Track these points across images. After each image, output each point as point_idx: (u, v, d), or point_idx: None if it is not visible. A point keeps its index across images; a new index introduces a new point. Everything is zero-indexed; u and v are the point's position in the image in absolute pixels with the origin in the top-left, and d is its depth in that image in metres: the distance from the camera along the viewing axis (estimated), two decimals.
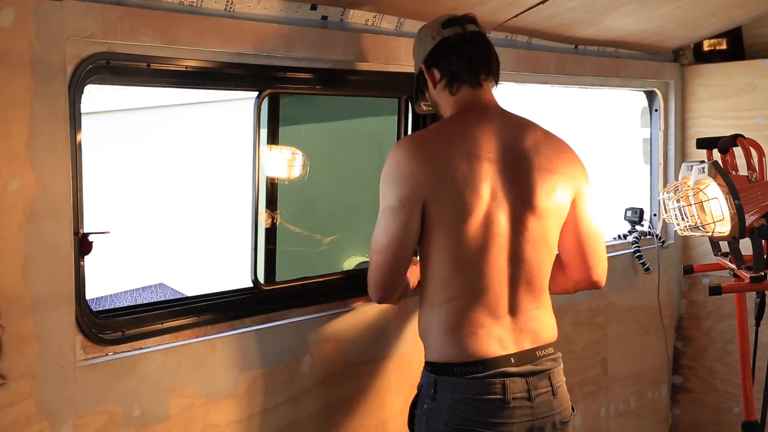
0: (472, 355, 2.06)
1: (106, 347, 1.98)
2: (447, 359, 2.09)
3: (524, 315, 2.13)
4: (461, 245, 2.06)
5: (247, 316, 2.30)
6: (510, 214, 2.10)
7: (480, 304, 2.08)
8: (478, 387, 2.05)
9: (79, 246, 1.92)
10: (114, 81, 2.09)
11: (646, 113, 4.08)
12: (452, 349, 2.09)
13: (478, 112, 2.18)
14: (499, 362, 2.07)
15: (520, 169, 2.12)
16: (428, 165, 2.05)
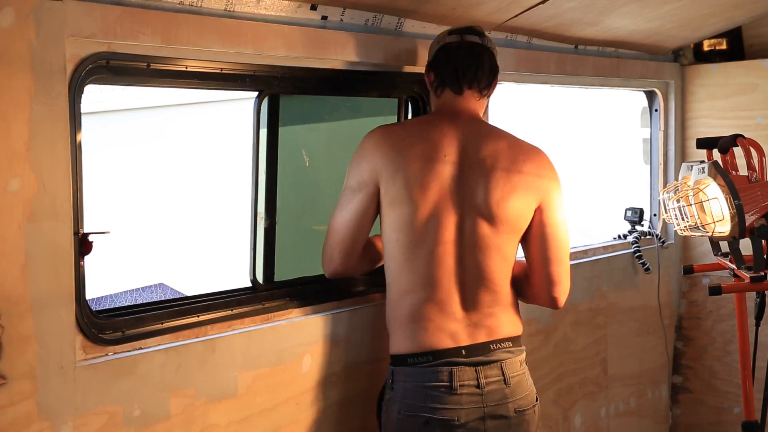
0: (424, 346, 2.18)
1: (106, 347, 1.98)
2: (403, 351, 2.21)
3: (480, 312, 2.21)
4: (410, 241, 2.17)
5: (246, 316, 2.30)
6: (459, 218, 2.19)
7: (430, 300, 2.19)
8: (427, 375, 2.15)
9: (79, 246, 1.92)
10: (114, 81, 2.09)
11: (646, 113, 4.08)
12: (407, 341, 2.20)
13: (448, 116, 2.28)
14: (448, 353, 2.17)
15: (474, 175, 2.20)
16: (387, 156, 2.18)
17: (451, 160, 2.20)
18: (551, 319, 3.28)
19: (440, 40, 2.35)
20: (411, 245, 2.18)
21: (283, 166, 2.46)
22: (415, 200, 2.16)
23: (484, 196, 2.20)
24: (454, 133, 2.23)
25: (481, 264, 2.20)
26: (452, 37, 2.32)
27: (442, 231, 2.17)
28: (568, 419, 3.40)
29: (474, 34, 2.33)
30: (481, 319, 2.21)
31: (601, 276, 3.55)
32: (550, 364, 3.28)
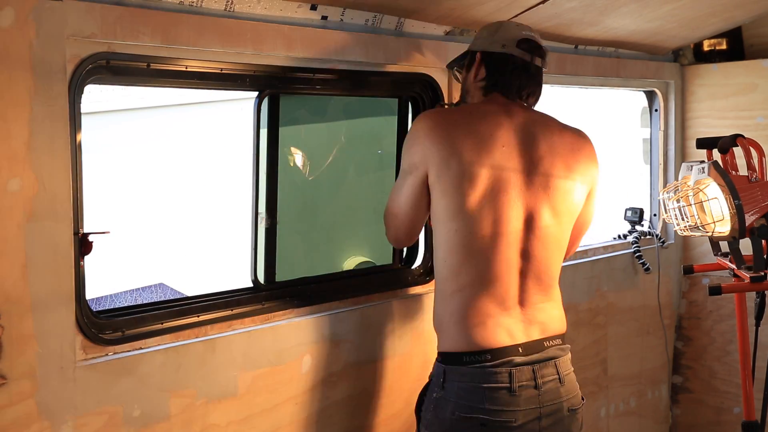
0: (481, 344, 2.10)
1: (106, 347, 1.98)
2: (456, 349, 2.13)
3: (533, 307, 2.18)
4: (470, 232, 2.11)
5: (246, 316, 2.30)
6: (525, 211, 2.15)
7: (489, 294, 2.13)
8: (486, 376, 2.09)
9: (79, 246, 1.92)
10: (114, 81, 2.09)
11: (646, 113, 4.08)
12: (461, 339, 2.12)
13: (500, 105, 2.24)
14: (507, 352, 2.11)
15: (538, 168, 2.18)
16: (439, 141, 2.13)
17: (508, 149, 2.16)
18: None
19: (506, 43, 2.26)
20: (472, 236, 2.12)
21: (283, 166, 2.46)
22: (472, 189, 2.11)
23: (547, 187, 2.18)
24: (509, 122, 2.20)
25: (542, 257, 2.18)
26: (523, 53, 2.25)
27: (505, 222, 2.13)
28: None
29: (540, 55, 2.29)
30: (534, 314, 2.18)
31: (601, 276, 3.55)
32: None
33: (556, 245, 2.22)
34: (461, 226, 2.12)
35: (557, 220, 2.19)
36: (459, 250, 2.13)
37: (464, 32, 2.85)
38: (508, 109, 2.23)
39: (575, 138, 2.29)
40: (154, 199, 11.37)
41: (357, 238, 2.85)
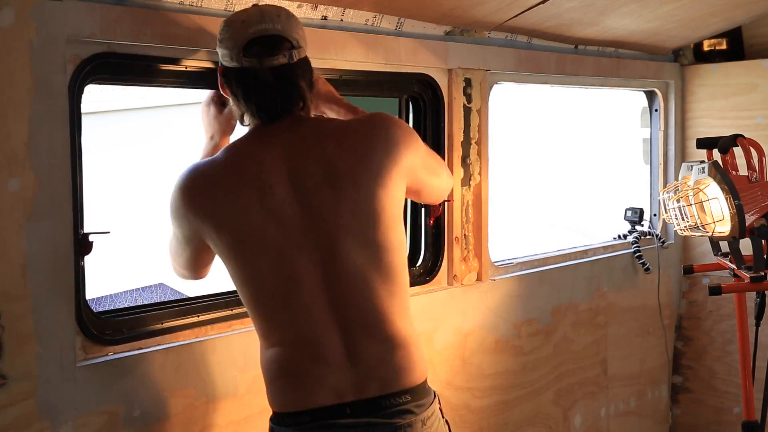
0: (299, 404, 1.82)
1: (106, 347, 1.98)
2: (278, 408, 1.86)
3: (369, 360, 1.83)
4: (264, 292, 1.83)
5: (247, 316, 2.29)
6: (319, 253, 1.82)
7: (306, 351, 1.83)
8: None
9: (79, 246, 1.92)
10: (114, 81, 2.10)
11: (646, 113, 4.08)
12: (281, 398, 1.85)
13: (261, 138, 1.89)
14: (330, 413, 1.80)
15: (317, 198, 1.83)
16: (203, 210, 1.85)
17: (280, 189, 1.82)
18: (551, 319, 3.28)
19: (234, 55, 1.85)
20: (269, 298, 1.83)
21: None
22: (252, 249, 1.81)
23: (340, 216, 1.82)
24: (274, 157, 1.84)
25: (363, 297, 1.82)
26: (251, 60, 1.84)
27: (299, 273, 1.81)
28: (568, 419, 3.40)
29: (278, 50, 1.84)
30: (372, 368, 1.82)
31: (601, 276, 3.55)
32: (550, 364, 3.28)
33: (380, 278, 1.84)
34: (254, 290, 1.84)
35: (369, 248, 1.83)
36: (261, 312, 1.85)
37: (464, 32, 2.85)
38: (269, 139, 1.87)
39: (361, 134, 1.89)
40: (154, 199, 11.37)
41: None
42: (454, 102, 2.79)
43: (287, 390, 1.85)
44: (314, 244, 1.82)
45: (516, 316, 3.10)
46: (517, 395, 3.13)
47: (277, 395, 1.86)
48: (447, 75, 2.79)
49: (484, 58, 2.90)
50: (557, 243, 3.96)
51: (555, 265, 3.34)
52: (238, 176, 1.85)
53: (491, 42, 2.97)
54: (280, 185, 1.83)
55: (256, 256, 1.82)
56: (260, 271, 1.83)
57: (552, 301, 3.29)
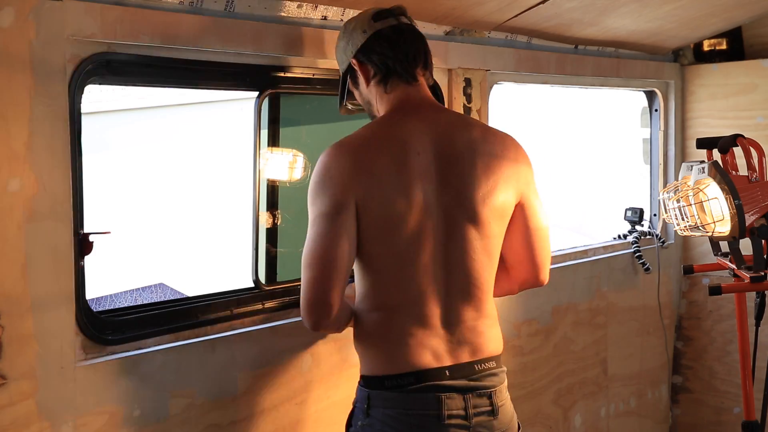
0: (403, 367, 1.92)
1: (106, 347, 1.98)
2: (378, 372, 1.94)
3: (463, 326, 1.98)
4: (392, 254, 1.93)
5: (246, 316, 2.30)
6: (445, 222, 1.96)
7: (411, 314, 1.94)
8: (412, 401, 1.91)
9: (79, 246, 1.92)
10: (114, 81, 2.09)
11: (646, 113, 4.08)
12: (383, 361, 1.94)
13: (409, 111, 2.03)
14: (432, 375, 1.92)
15: (454, 173, 1.97)
16: (357, 170, 1.91)
17: (424, 159, 1.95)
18: (551, 319, 3.29)
19: (366, 28, 2.05)
20: (391, 257, 1.94)
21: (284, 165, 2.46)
22: (396, 210, 1.91)
23: (469, 194, 1.96)
24: (421, 128, 1.99)
25: (468, 269, 1.97)
26: (385, 21, 2.04)
27: (429, 238, 1.94)
28: (568, 419, 3.40)
29: (403, 14, 2.09)
30: (464, 334, 1.97)
31: (601, 276, 3.55)
32: (550, 364, 3.28)
33: (483, 254, 1.99)
34: (384, 251, 1.94)
35: (480, 227, 1.98)
36: (379, 273, 1.95)
37: (464, 32, 2.85)
38: (418, 112, 2.03)
39: (499, 139, 2.07)
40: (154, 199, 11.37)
41: None
42: (454, 102, 2.79)
43: (393, 352, 1.94)
44: (442, 213, 1.96)
45: (516, 316, 3.11)
46: (517, 395, 3.13)
47: (380, 358, 1.95)
48: (447, 75, 2.79)
49: (484, 58, 2.90)
50: (557, 243, 3.96)
51: (555, 265, 3.34)
52: (390, 140, 1.97)
53: (491, 42, 2.98)
54: (426, 152, 1.97)
55: (395, 217, 1.92)
56: (395, 231, 1.92)
57: (552, 301, 3.29)
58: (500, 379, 2.02)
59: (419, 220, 1.93)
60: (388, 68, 2.04)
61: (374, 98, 2.10)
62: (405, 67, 2.04)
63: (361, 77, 2.08)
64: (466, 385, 1.95)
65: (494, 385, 1.99)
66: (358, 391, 2.00)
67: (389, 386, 1.92)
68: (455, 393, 1.93)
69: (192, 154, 11.32)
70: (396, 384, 1.91)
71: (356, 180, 1.90)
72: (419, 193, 1.93)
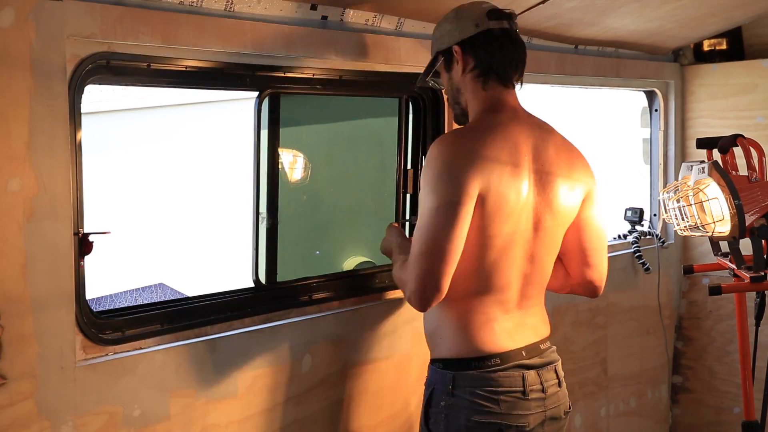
0: (488, 349, 2.08)
1: (106, 347, 1.98)
2: (462, 354, 2.09)
3: (527, 310, 2.17)
4: (491, 245, 2.07)
5: (247, 316, 2.30)
6: (534, 216, 2.12)
7: (496, 300, 2.10)
8: (500, 380, 2.07)
9: (79, 246, 1.92)
10: (114, 81, 2.09)
11: (646, 113, 4.08)
12: (466, 343, 2.09)
13: (511, 115, 2.17)
14: (513, 355, 2.10)
15: (546, 174, 2.14)
16: (481, 160, 2.02)
17: (529, 160, 2.11)
18: (551, 319, 3.27)
19: (479, 22, 2.14)
20: (493, 248, 2.07)
21: (284, 166, 2.46)
22: (507, 204, 2.05)
23: (554, 193, 2.14)
24: (525, 133, 2.14)
25: (543, 259, 2.16)
26: (499, 22, 2.15)
27: (522, 231, 2.10)
28: (569, 419, 3.40)
29: (513, 19, 2.20)
30: (528, 317, 2.17)
31: None
32: None
33: (555, 248, 2.20)
34: (485, 242, 2.06)
35: (556, 221, 2.16)
36: (476, 259, 2.06)
37: None
38: (516, 116, 2.17)
39: (572, 146, 2.26)
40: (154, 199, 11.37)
41: (357, 238, 2.85)
42: None
43: (478, 336, 2.09)
44: (533, 213, 2.11)
45: None
46: None
47: (466, 341, 2.09)
48: None
49: None
50: None
51: None
52: (498, 140, 2.08)
53: None
54: (529, 154, 2.12)
55: (502, 212, 2.05)
56: (497, 226, 2.05)
57: (552, 301, 3.28)
58: (557, 356, 2.23)
59: (519, 217, 2.08)
60: (491, 68, 2.15)
61: (467, 90, 2.20)
62: (506, 71, 2.17)
63: (459, 65, 2.18)
64: (540, 362, 2.15)
65: (557, 360, 2.22)
66: (437, 374, 2.12)
67: (476, 367, 2.07)
68: (532, 369, 2.12)
69: (192, 154, 11.32)
70: (482, 365, 2.07)
71: (480, 171, 2.01)
72: (524, 192, 2.08)
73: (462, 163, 2.01)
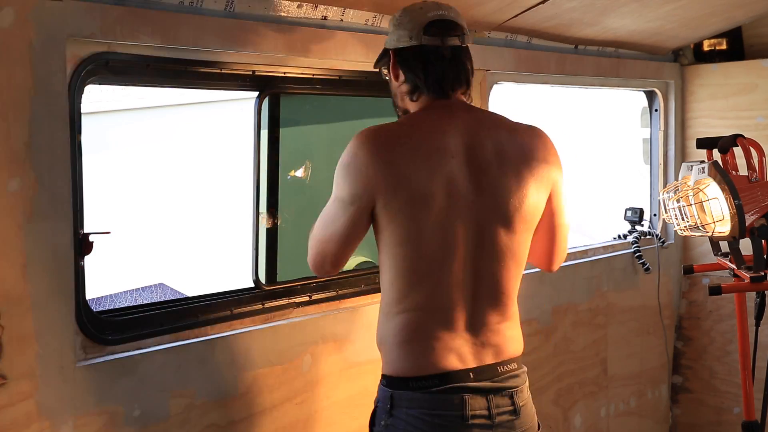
0: (428, 368, 1.92)
1: (106, 347, 1.98)
2: (402, 373, 1.94)
3: (486, 329, 1.99)
4: (421, 257, 1.93)
5: (246, 316, 2.30)
6: (475, 225, 1.95)
7: (437, 317, 1.95)
8: (436, 402, 1.92)
9: (79, 246, 1.92)
10: (114, 81, 2.10)
11: (646, 113, 4.08)
12: (407, 362, 1.94)
13: (442, 113, 2.01)
14: (456, 377, 1.93)
15: (486, 174, 1.97)
16: (385, 165, 1.90)
17: (457, 161, 1.94)
18: (551, 319, 3.29)
19: (413, 34, 1.99)
20: (421, 260, 1.93)
21: (284, 166, 2.46)
22: (423, 212, 1.90)
23: (501, 198, 1.97)
24: (455, 129, 1.97)
25: (496, 275, 1.98)
26: (433, 39, 1.99)
27: (457, 241, 1.93)
28: (568, 419, 3.40)
29: (454, 34, 2.01)
30: (488, 337, 1.99)
31: (601, 276, 3.55)
32: (550, 364, 3.28)
33: (512, 260, 2.00)
34: (410, 251, 1.92)
35: (511, 233, 1.98)
36: (407, 274, 1.93)
37: None
38: (450, 113, 2.00)
39: (528, 137, 2.05)
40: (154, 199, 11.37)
41: None
42: None
43: (418, 354, 1.94)
44: (474, 217, 1.95)
45: None
46: None
47: (405, 359, 1.94)
48: None
49: (484, 58, 2.90)
50: None
51: None
52: (422, 140, 1.95)
53: (491, 42, 2.98)
54: (459, 156, 1.95)
55: (425, 219, 1.91)
56: (424, 233, 1.92)
57: (552, 301, 3.29)
58: (522, 380, 2.05)
59: (450, 226, 1.93)
60: (417, 87, 2.03)
61: (399, 96, 2.10)
62: (436, 89, 2.02)
63: (392, 72, 2.08)
64: (490, 386, 1.97)
65: (516, 386, 2.02)
66: (380, 391, 1.99)
67: (414, 387, 1.93)
68: (478, 394, 1.94)
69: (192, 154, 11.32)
70: (420, 386, 1.92)
71: (381, 176, 1.89)
72: (452, 198, 1.93)
73: (360, 163, 1.91)
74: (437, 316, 1.95)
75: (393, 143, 1.94)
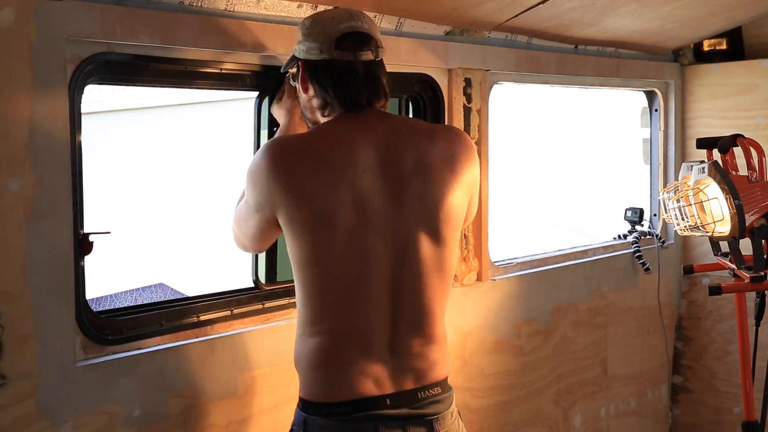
0: (342, 394, 1.83)
1: (106, 347, 1.98)
2: (315, 398, 1.85)
3: (408, 353, 1.88)
4: (335, 277, 1.83)
5: (246, 316, 2.30)
6: (395, 242, 1.85)
7: (354, 340, 1.84)
8: (348, 431, 1.82)
9: (79, 246, 1.92)
10: (114, 81, 2.10)
11: (646, 113, 4.08)
12: (321, 387, 1.85)
13: (354, 123, 1.90)
14: (371, 403, 1.83)
15: (407, 190, 1.86)
16: (287, 179, 1.80)
17: (371, 174, 1.83)
18: (551, 319, 3.28)
19: (323, 47, 1.88)
20: (335, 280, 1.82)
21: None
22: (329, 229, 1.80)
23: (425, 209, 1.86)
24: (368, 142, 1.86)
25: (419, 295, 1.87)
26: (344, 54, 1.88)
27: (374, 261, 1.82)
28: (568, 419, 3.40)
29: (367, 47, 1.90)
30: (409, 361, 1.87)
31: (601, 276, 3.55)
32: (550, 364, 3.28)
33: (438, 276, 1.89)
34: (322, 270, 1.82)
35: (439, 245, 1.88)
36: (321, 295, 1.84)
37: (464, 32, 2.85)
38: (363, 124, 1.89)
39: (448, 141, 1.94)
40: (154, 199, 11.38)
41: None
42: (454, 102, 2.79)
43: (332, 379, 1.84)
44: (393, 234, 1.85)
45: (516, 316, 3.11)
46: (517, 395, 3.13)
47: (318, 384, 1.85)
48: (447, 75, 2.79)
49: (484, 58, 2.90)
50: (557, 243, 3.97)
51: (555, 265, 3.34)
52: (331, 154, 1.84)
53: (491, 42, 2.98)
54: (373, 169, 1.85)
55: (333, 236, 1.81)
56: (334, 252, 1.81)
57: (552, 301, 3.29)
58: (445, 405, 1.92)
59: (365, 244, 1.82)
60: (327, 102, 1.92)
61: (309, 110, 2.00)
62: (345, 104, 1.91)
63: (300, 84, 1.97)
64: (407, 414, 1.86)
65: (437, 412, 1.89)
66: (296, 414, 1.90)
67: (326, 413, 1.83)
68: (394, 422, 1.84)
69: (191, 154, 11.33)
70: (333, 412, 1.83)
71: (280, 192, 1.81)
72: (364, 214, 1.82)
73: (262, 176, 1.83)
74: (354, 339, 1.84)
75: (298, 156, 1.83)
